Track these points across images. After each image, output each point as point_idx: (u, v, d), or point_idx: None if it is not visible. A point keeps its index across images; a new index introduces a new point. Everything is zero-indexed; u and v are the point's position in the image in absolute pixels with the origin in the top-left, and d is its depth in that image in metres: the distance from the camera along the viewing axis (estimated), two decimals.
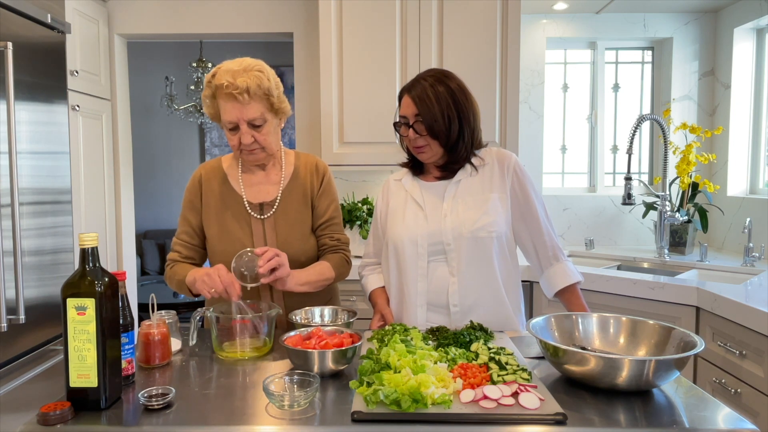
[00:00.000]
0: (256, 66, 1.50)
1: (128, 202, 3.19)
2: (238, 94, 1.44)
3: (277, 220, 1.61)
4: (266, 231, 1.59)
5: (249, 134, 1.50)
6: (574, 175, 3.33)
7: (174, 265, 1.62)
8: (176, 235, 1.67)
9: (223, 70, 1.48)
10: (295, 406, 1.02)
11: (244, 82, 1.44)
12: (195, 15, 3.02)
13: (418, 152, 1.56)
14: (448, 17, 2.58)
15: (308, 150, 3.04)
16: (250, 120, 1.48)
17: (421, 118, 1.50)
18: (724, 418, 1.00)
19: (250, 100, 1.46)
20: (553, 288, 1.58)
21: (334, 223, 1.70)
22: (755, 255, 2.53)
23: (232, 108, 1.47)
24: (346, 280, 2.36)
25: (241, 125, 1.49)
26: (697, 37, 3.10)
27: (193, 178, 1.67)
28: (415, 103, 1.51)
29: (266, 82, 1.48)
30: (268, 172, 1.65)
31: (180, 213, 1.68)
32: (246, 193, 1.62)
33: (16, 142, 1.82)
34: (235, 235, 1.59)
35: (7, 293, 1.81)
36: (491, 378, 1.10)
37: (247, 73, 1.46)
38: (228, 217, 1.61)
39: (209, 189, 1.64)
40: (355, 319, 1.50)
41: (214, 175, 1.66)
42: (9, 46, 1.79)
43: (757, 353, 1.72)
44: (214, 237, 1.61)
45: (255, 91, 1.46)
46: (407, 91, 1.55)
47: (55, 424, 0.98)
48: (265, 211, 1.61)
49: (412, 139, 1.54)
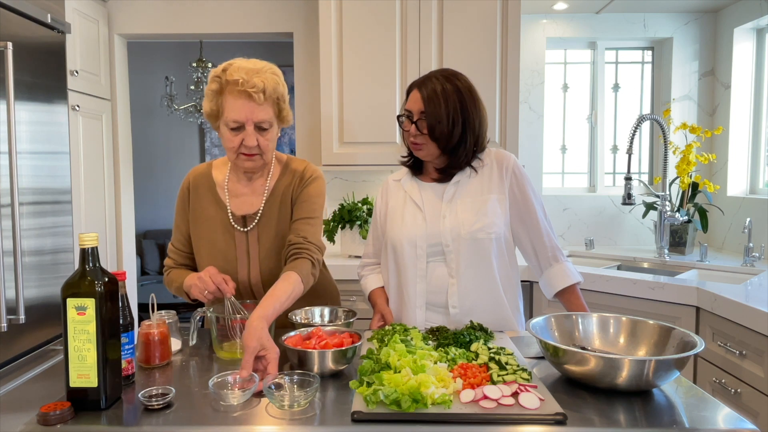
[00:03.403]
0: (272, 69, 1.46)
1: (128, 202, 3.19)
2: (254, 93, 1.38)
3: (260, 232, 1.55)
4: (249, 243, 1.55)
5: (254, 136, 1.43)
6: (574, 175, 3.33)
7: (170, 271, 1.61)
8: (171, 241, 1.65)
9: (237, 67, 1.41)
10: (295, 406, 1.02)
11: (261, 82, 1.39)
12: (195, 15, 3.02)
13: (415, 148, 1.56)
14: (448, 17, 2.58)
15: (308, 150, 3.04)
16: (259, 122, 1.43)
17: (425, 116, 1.50)
18: (724, 418, 1.00)
19: (264, 101, 1.41)
20: (552, 289, 1.58)
21: (306, 222, 1.53)
22: (755, 255, 2.53)
23: (242, 106, 1.40)
24: (346, 280, 2.38)
25: (248, 126, 1.42)
26: (697, 37, 3.10)
27: (183, 185, 1.64)
28: (423, 100, 1.50)
29: (281, 86, 1.45)
30: (254, 183, 1.58)
31: (174, 217, 1.66)
32: (231, 204, 1.57)
33: (16, 142, 1.81)
34: (219, 246, 1.55)
35: (7, 293, 1.81)
36: (491, 378, 1.10)
37: (263, 73, 1.42)
38: (213, 229, 1.57)
39: (196, 196, 1.60)
40: (355, 319, 1.50)
41: (202, 182, 1.61)
42: (9, 46, 1.79)
43: (757, 353, 1.72)
44: (200, 248, 1.58)
45: (270, 93, 1.42)
46: (417, 87, 1.54)
47: (55, 424, 0.98)
48: (248, 223, 1.55)
49: (412, 134, 1.53)
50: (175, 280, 1.56)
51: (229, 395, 1.05)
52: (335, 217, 2.77)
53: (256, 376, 1.10)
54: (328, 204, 3.01)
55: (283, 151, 6.15)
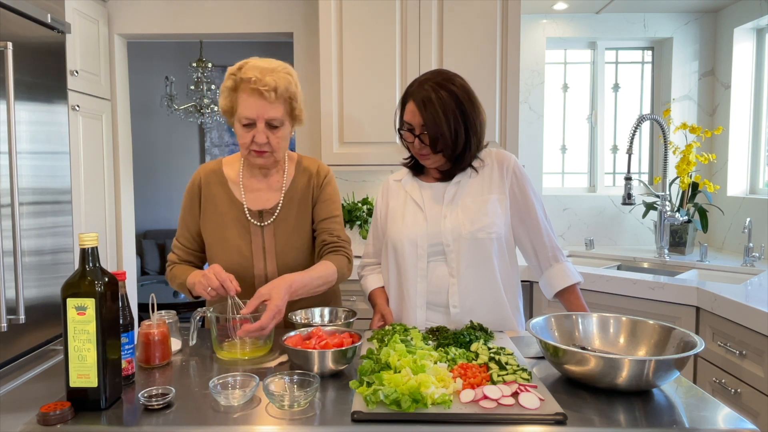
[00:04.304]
0: (286, 68, 1.50)
1: (128, 202, 3.19)
2: (266, 91, 1.43)
3: (277, 228, 1.58)
4: (265, 239, 1.57)
5: (264, 134, 1.48)
6: (574, 175, 3.33)
7: (174, 267, 1.62)
8: (176, 237, 1.66)
9: (251, 65, 1.47)
10: (295, 406, 1.02)
11: (273, 81, 1.43)
12: (195, 15, 3.02)
13: (421, 159, 1.56)
14: (448, 17, 2.59)
15: (308, 150, 3.04)
16: (270, 119, 1.47)
17: (426, 131, 1.49)
18: (724, 418, 1.00)
19: (275, 99, 1.45)
20: (552, 289, 1.58)
21: (334, 221, 1.65)
22: (755, 255, 2.53)
23: (254, 103, 1.45)
24: (346, 281, 2.38)
25: (258, 123, 1.47)
26: (697, 37, 3.10)
27: (193, 181, 1.64)
28: (422, 113, 1.47)
29: (293, 86, 1.49)
30: (270, 179, 1.62)
31: (180, 213, 1.67)
32: (246, 200, 1.59)
33: (16, 142, 1.82)
34: (234, 242, 1.57)
35: (7, 293, 1.81)
36: (491, 378, 1.10)
37: (276, 73, 1.46)
38: (227, 224, 1.58)
39: (208, 193, 1.62)
40: (355, 319, 1.50)
41: (214, 179, 1.63)
42: (9, 46, 1.79)
43: (757, 353, 1.72)
44: (213, 243, 1.59)
45: (282, 93, 1.46)
46: (412, 98, 1.50)
47: (55, 424, 0.98)
48: (264, 218, 1.58)
49: (417, 147, 1.53)
50: (178, 276, 1.57)
51: (230, 395, 1.05)
52: None
53: (256, 377, 1.10)
54: None
55: None
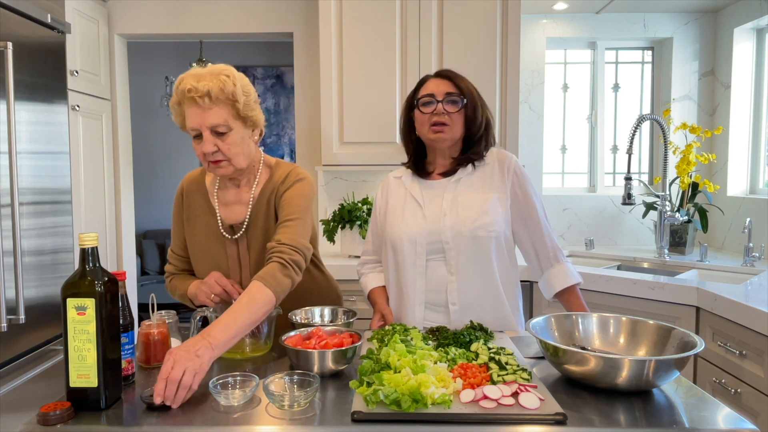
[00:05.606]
0: (224, 70, 1.39)
1: (128, 202, 3.19)
2: (199, 98, 1.34)
3: (250, 241, 1.53)
4: (240, 252, 1.54)
5: (211, 142, 1.38)
6: (574, 175, 3.33)
7: (172, 278, 1.62)
8: (170, 247, 1.65)
9: (188, 75, 1.38)
10: (295, 406, 1.02)
11: (205, 86, 1.34)
12: (195, 15, 3.03)
13: (436, 131, 1.54)
14: (448, 17, 2.59)
15: (308, 150, 3.04)
16: (213, 126, 1.37)
17: (456, 96, 1.54)
18: (724, 418, 1.00)
19: (211, 104, 1.36)
20: (552, 289, 1.58)
21: (284, 225, 1.44)
22: (755, 255, 2.53)
23: (194, 114, 1.37)
24: (346, 280, 2.37)
25: (203, 132, 1.38)
26: (697, 37, 3.10)
27: (178, 191, 1.63)
28: (452, 80, 1.56)
29: (231, 86, 1.37)
30: (241, 190, 1.55)
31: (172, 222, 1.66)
32: (220, 212, 1.55)
33: (16, 142, 1.82)
34: (213, 253, 1.55)
35: (7, 293, 1.81)
36: (491, 378, 1.10)
37: (211, 76, 1.36)
38: (206, 235, 1.56)
39: (189, 203, 1.59)
40: (355, 319, 1.50)
41: (194, 187, 1.60)
42: (9, 46, 1.79)
43: (757, 353, 1.72)
44: (194, 253, 1.58)
45: (217, 95, 1.35)
46: (433, 76, 1.60)
47: (55, 424, 0.98)
48: (236, 231, 1.54)
49: (438, 113, 1.53)
50: (178, 287, 1.57)
51: (230, 395, 1.05)
52: (335, 217, 2.77)
53: (256, 377, 1.10)
54: (328, 204, 3.01)
55: (284, 152, 6.16)
